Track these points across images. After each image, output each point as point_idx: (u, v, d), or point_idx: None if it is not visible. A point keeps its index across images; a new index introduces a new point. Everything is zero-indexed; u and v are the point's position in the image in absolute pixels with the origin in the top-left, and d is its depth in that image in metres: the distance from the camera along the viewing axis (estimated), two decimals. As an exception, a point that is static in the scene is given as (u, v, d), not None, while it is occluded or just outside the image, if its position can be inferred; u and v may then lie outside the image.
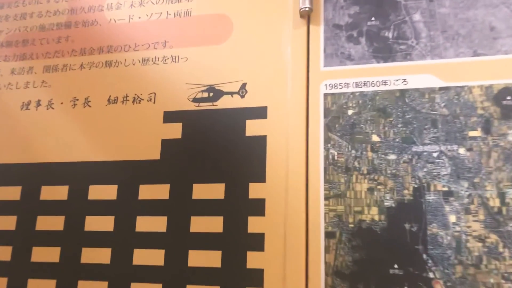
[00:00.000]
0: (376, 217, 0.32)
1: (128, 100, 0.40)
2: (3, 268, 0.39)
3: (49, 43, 0.44)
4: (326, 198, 0.33)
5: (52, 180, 0.40)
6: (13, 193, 0.40)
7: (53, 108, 0.42)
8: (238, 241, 0.34)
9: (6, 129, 0.42)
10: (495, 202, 0.31)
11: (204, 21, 0.40)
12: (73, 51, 0.43)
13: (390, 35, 0.36)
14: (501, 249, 0.30)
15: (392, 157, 0.33)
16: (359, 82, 0.35)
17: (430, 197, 0.32)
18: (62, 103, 0.42)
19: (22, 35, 0.45)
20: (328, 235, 0.33)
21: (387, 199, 0.33)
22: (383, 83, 0.35)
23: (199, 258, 0.35)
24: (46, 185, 0.40)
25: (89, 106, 0.41)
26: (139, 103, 0.40)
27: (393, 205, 0.32)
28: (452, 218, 0.31)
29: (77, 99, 0.41)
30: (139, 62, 0.41)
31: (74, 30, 0.44)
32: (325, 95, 0.35)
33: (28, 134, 0.42)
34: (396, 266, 0.31)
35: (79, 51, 0.43)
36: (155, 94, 0.40)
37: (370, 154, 0.34)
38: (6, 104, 0.43)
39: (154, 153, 0.38)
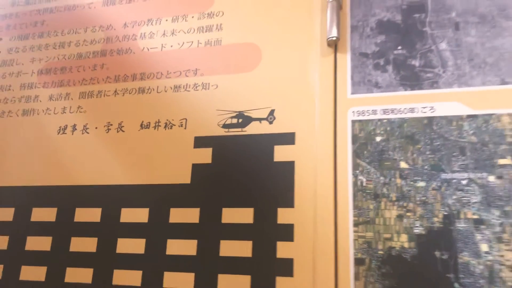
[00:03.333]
0: (406, 244, 0.32)
1: (160, 126, 0.41)
2: (37, 288, 0.40)
3: (85, 70, 0.46)
4: (355, 224, 0.34)
5: (86, 202, 0.41)
6: (48, 214, 0.42)
7: (88, 133, 0.44)
8: (267, 266, 0.35)
9: (44, 152, 0.44)
10: (527, 231, 0.31)
11: (233, 49, 0.42)
12: (107, 78, 0.45)
13: (417, 63, 0.36)
14: (535, 279, 0.30)
15: (421, 184, 0.33)
16: (387, 109, 0.36)
17: (461, 225, 0.32)
18: (96, 128, 0.43)
19: (60, 63, 0.47)
20: (358, 262, 0.33)
21: (416, 226, 0.33)
22: (411, 111, 0.35)
23: (228, 283, 0.35)
24: (80, 207, 0.41)
25: (122, 131, 0.42)
26: (171, 128, 0.41)
27: (423, 232, 0.32)
28: (484, 247, 0.31)
29: (111, 124, 0.43)
30: (171, 89, 0.42)
31: (109, 58, 0.46)
32: (353, 121, 0.36)
33: (64, 157, 0.43)
34: (426, 294, 0.31)
35: (113, 78, 0.45)
36: (186, 120, 0.41)
37: (399, 181, 0.34)
38: (44, 129, 0.45)
39: (185, 177, 0.39)
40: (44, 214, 0.42)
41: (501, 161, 0.32)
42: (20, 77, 0.48)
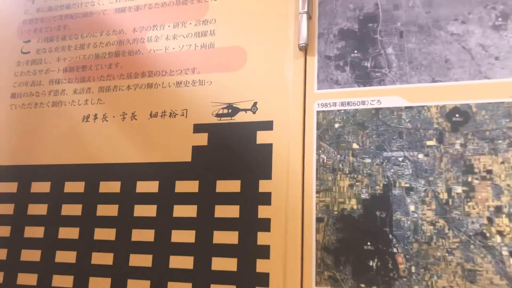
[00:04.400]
0: (355, 207, 0.43)
1: (166, 115, 0.51)
2: (70, 245, 0.50)
3: (103, 68, 0.55)
4: (317, 192, 0.44)
5: (108, 177, 0.51)
6: (78, 187, 0.51)
7: (107, 121, 0.53)
8: (251, 224, 0.44)
9: (72, 137, 0.54)
10: (444, 196, 0.41)
11: (224, 52, 0.51)
12: (121, 75, 0.54)
13: (369, 65, 0.45)
14: (446, 231, 0.40)
15: (367, 160, 0.43)
16: (344, 102, 0.45)
17: (396, 191, 0.42)
18: (114, 117, 0.53)
19: (81, 62, 0.56)
20: (319, 220, 0.43)
21: (363, 193, 0.43)
22: (362, 103, 0.45)
23: (221, 237, 0.45)
24: (103, 181, 0.51)
25: (135, 119, 0.52)
26: (174, 117, 0.50)
27: (368, 197, 0.42)
28: (412, 208, 0.41)
29: (126, 114, 0.52)
30: (174, 84, 0.51)
31: (122, 58, 0.55)
32: (318, 112, 0.46)
33: (88, 141, 0.53)
34: (369, 243, 0.41)
35: (126, 75, 0.54)
36: (186, 110, 0.50)
37: (351, 158, 0.44)
38: (70, 117, 0.54)
39: (187, 157, 0.48)
40: (74, 186, 0.52)
41: (428, 143, 0.42)
42: (48, 74, 0.57)
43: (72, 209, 0.51)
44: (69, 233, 0.51)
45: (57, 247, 0.51)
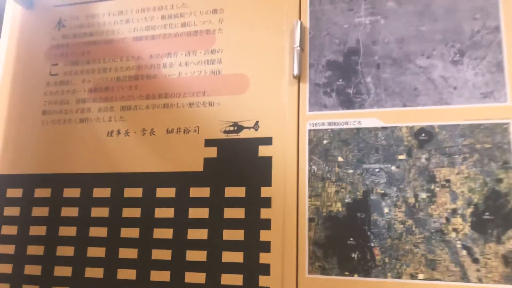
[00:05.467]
0: (340, 209, 0.52)
1: (181, 131, 0.59)
2: (99, 242, 0.58)
3: (124, 90, 0.63)
4: (310, 196, 0.53)
5: (131, 184, 0.58)
6: (105, 192, 0.60)
7: (129, 136, 0.61)
8: (254, 223, 0.53)
9: (98, 149, 0.62)
10: (412, 200, 0.50)
11: (230, 78, 0.59)
12: (140, 96, 0.62)
13: (351, 91, 0.55)
14: (414, 229, 0.49)
15: (350, 171, 0.53)
16: (331, 122, 0.54)
17: (373, 197, 0.51)
18: (135, 132, 0.61)
19: (104, 83, 0.64)
20: (310, 220, 0.52)
21: (347, 198, 0.52)
22: (346, 124, 0.54)
23: (230, 235, 0.54)
24: (127, 187, 0.58)
25: (154, 134, 0.60)
26: (188, 133, 0.58)
27: (350, 201, 0.52)
28: (386, 210, 0.50)
29: (145, 130, 0.61)
30: (187, 105, 0.59)
31: (141, 81, 0.63)
32: (309, 130, 0.55)
33: (113, 153, 0.60)
34: (351, 239, 0.50)
35: (145, 96, 0.62)
36: (198, 127, 0.58)
37: (337, 169, 0.53)
38: (96, 132, 0.63)
39: (199, 167, 0.56)
40: (102, 192, 0.60)
41: (400, 157, 0.51)
42: (75, 94, 0.65)
43: (100, 212, 0.60)
44: (98, 232, 0.59)
45: (88, 244, 0.59)
